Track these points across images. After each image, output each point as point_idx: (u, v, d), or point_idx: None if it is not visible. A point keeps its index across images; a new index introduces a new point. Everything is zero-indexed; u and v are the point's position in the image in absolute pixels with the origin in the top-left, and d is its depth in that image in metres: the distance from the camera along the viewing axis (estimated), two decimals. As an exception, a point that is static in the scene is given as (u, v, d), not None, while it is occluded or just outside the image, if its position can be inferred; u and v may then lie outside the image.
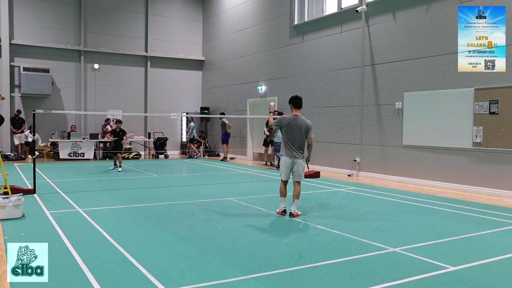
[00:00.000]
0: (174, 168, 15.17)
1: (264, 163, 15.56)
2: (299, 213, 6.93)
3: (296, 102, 7.04)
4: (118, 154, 13.33)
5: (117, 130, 13.34)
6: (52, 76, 17.62)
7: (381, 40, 11.77)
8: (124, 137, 13.52)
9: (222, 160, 17.23)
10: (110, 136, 13.65)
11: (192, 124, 18.12)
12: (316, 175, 12.09)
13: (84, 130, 18.33)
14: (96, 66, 18.79)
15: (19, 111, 16.85)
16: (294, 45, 15.02)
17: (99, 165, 14.80)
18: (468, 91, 9.61)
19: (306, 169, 11.97)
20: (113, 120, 17.74)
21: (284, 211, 6.99)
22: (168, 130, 19.98)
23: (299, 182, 6.96)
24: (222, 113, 17.91)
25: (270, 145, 15.07)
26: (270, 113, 7.33)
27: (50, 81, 17.40)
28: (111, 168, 13.38)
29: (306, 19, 14.62)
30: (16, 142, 16.72)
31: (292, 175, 6.99)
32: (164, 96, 20.30)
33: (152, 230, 5.92)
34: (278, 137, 12.82)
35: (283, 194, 7.01)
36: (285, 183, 7.03)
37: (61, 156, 16.24)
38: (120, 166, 13.13)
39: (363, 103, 12.28)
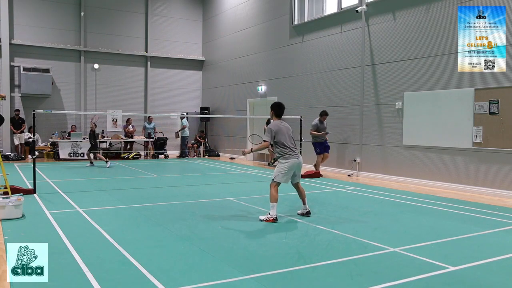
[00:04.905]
0: (174, 168, 15.16)
1: (268, 163, 15.46)
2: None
3: (277, 111, 6.78)
4: (98, 154, 14.46)
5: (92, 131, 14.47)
6: (52, 76, 17.61)
7: (381, 40, 11.77)
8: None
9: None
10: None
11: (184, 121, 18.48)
12: (316, 175, 12.10)
13: (84, 130, 18.29)
14: (96, 66, 18.78)
15: (17, 111, 16.86)
16: (294, 45, 15.01)
17: (99, 165, 14.78)
18: (468, 91, 9.61)
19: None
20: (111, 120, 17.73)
21: (276, 219, 6.46)
22: (168, 130, 19.96)
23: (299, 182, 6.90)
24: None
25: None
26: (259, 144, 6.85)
27: (50, 81, 17.40)
28: (87, 165, 14.26)
29: (306, 19, 14.61)
30: (16, 142, 16.71)
31: (295, 177, 6.75)
32: (164, 96, 20.29)
33: (152, 230, 5.92)
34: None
35: (277, 199, 6.47)
36: (278, 186, 6.62)
37: (61, 156, 16.25)
38: (107, 162, 14.14)
39: (363, 103, 12.28)
